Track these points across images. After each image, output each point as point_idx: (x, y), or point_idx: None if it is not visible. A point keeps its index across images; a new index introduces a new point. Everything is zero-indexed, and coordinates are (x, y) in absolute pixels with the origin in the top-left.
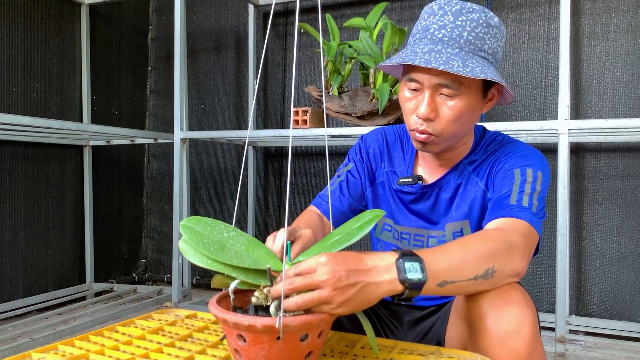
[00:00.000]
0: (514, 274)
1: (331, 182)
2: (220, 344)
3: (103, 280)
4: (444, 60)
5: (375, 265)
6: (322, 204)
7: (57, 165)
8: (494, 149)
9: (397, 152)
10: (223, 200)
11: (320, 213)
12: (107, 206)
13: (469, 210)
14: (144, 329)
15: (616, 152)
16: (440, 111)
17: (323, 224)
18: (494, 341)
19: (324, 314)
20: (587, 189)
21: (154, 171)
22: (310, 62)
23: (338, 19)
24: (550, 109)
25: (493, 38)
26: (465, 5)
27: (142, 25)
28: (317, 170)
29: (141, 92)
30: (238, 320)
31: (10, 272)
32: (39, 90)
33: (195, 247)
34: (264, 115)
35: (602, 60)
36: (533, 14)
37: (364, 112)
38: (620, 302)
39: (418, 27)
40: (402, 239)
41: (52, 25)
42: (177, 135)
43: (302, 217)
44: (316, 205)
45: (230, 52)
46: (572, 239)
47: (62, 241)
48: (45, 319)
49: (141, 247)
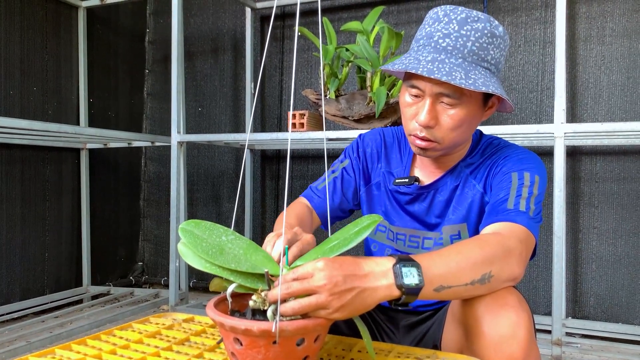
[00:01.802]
0: (510, 279)
1: (324, 176)
2: (217, 347)
3: (100, 283)
4: (447, 71)
5: (372, 271)
6: (313, 198)
7: (54, 168)
8: (491, 152)
9: (395, 154)
10: (220, 203)
11: (310, 207)
12: (104, 209)
13: (466, 213)
14: (141, 332)
15: (612, 155)
16: (440, 119)
17: (312, 219)
18: (489, 345)
19: (321, 319)
20: (583, 192)
21: (151, 174)
22: (307, 66)
23: (335, 23)
24: (546, 112)
25: (497, 48)
26: (470, 14)
27: (139, 28)
28: (315, 173)
29: (138, 95)
30: (235, 324)
31: (6, 275)
32: (36, 93)
33: (194, 250)
34: (261, 118)
35: (597, 64)
36: (529, 17)
37: (361, 115)
38: (617, 304)
39: (422, 32)
40: (397, 240)
41: (49, 28)
42: (174, 138)
43: (293, 209)
44: (307, 197)
45: (228, 55)
46: (568, 242)
47: (58, 244)
48: (42, 322)
49: (138, 250)
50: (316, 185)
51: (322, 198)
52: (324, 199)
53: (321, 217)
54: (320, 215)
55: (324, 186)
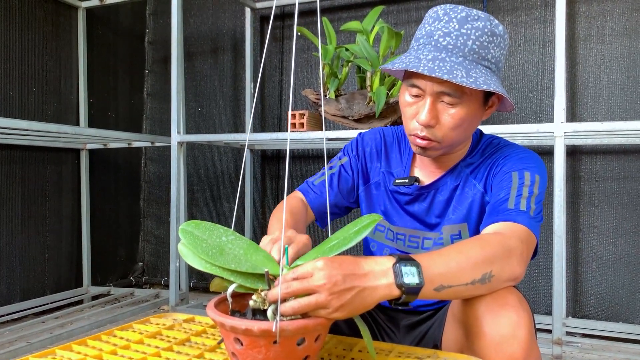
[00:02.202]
0: (511, 279)
1: (321, 172)
2: (218, 347)
3: (100, 284)
4: (447, 69)
5: (372, 270)
6: (308, 192)
7: (54, 168)
8: (491, 151)
9: (395, 153)
10: (220, 203)
11: (305, 202)
12: (104, 209)
13: (467, 213)
14: (142, 333)
15: (612, 154)
16: (441, 118)
17: (307, 214)
18: (490, 345)
19: (321, 319)
20: (583, 191)
21: (151, 174)
22: (307, 65)
23: (335, 23)
24: (546, 111)
25: (497, 47)
26: (470, 13)
27: (139, 29)
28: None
29: (138, 95)
30: (235, 324)
31: (7, 276)
32: (36, 93)
33: (194, 251)
34: (261, 118)
35: (597, 63)
36: (529, 17)
37: (361, 115)
38: (617, 303)
39: (422, 31)
40: (397, 240)
41: (49, 29)
42: (174, 138)
43: (288, 204)
44: (303, 192)
45: (227, 55)
46: (569, 241)
47: (59, 245)
48: (42, 322)
49: (138, 250)
50: (313, 181)
51: (317, 194)
52: (320, 195)
53: (315, 212)
54: (314, 210)
55: (321, 182)
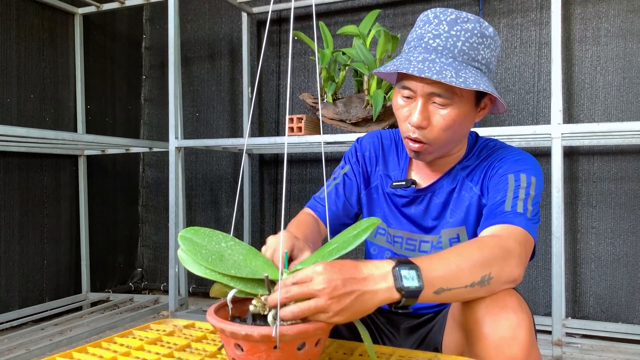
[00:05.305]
0: (510, 280)
1: (327, 183)
2: (218, 353)
3: (99, 290)
4: (437, 70)
5: (371, 274)
6: (317, 207)
7: (52, 175)
8: (487, 154)
9: (392, 156)
10: (219, 207)
11: (315, 216)
12: (103, 215)
13: (464, 216)
14: (142, 339)
15: (609, 155)
16: (432, 119)
17: (319, 226)
18: (490, 347)
19: (321, 323)
20: (581, 192)
21: (149, 180)
22: (304, 70)
23: (331, 27)
24: (543, 113)
25: (487, 48)
26: (460, 15)
27: (135, 35)
28: (313, 176)
29: (135, 101)
30: (235, 329)
31: (5, 283)
32: (33, 100)
33: (194, 258)
34: (259, 123)
35: (593, 65)
36: (524, 19)
37: (359, 118)
38: (616, 304)
39: (413, 35)
40: (394, 242)
41: (46, 36)
42: (172, 143)
43: (298, 219)
44: (311, 207)
45: (224, 60)
46: (567, 242)
47: (57, 251)
48: (41, 329)
49: (137, 256)
50: (319, 195)
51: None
52: (329, 207)
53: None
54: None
55: (327, 192)
